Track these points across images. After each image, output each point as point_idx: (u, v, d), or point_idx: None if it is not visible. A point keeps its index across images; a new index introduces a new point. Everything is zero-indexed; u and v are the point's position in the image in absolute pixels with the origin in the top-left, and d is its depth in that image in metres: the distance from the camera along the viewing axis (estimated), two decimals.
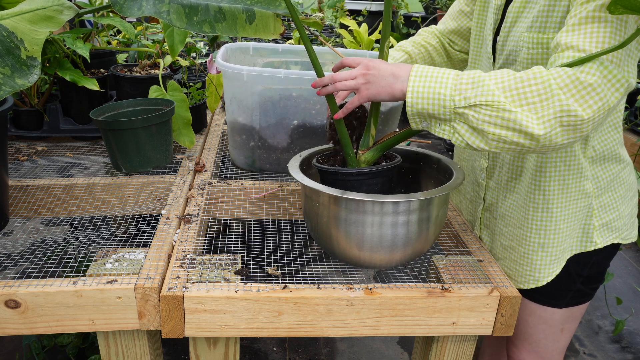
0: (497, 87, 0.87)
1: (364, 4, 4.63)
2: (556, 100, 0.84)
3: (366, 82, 0.95)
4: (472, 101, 0.87)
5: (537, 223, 1.10)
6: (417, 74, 0.92)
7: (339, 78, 0.98)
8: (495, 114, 0.86)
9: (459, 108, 0.89)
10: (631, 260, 2.80)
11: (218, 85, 1.73)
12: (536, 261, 1.12)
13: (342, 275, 1.06)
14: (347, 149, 1.05)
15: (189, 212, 1.17)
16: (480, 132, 0.89)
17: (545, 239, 1.10)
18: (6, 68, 0.96)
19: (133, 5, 1.08)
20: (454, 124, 0.91)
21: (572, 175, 1.07)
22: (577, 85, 0.83)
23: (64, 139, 1.59)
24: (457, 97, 0.88)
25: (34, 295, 0.90)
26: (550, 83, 0.84)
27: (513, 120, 0.86)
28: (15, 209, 1.21)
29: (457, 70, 0.92)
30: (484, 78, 0.88)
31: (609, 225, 1.12)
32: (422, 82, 0.91)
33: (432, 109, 0.91)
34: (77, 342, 1.72)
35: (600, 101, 0.84)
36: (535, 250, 1.12)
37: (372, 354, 2.08)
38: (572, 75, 0.84)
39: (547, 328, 1.20)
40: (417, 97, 0.91)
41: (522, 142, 0.87)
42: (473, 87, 0.88)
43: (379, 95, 0.95)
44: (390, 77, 0.93)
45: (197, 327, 0.94)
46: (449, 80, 0.90)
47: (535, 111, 0.85)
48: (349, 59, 1.01)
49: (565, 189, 1.07)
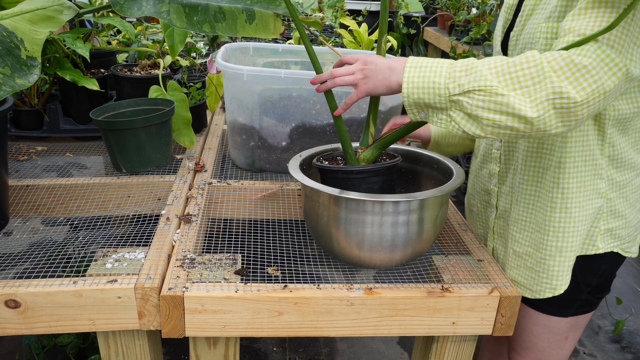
0: (490, 72, 0.87)
1: (364, 4, 4.63)
2: (548, 82, 0.83)
3: (364, 77, 0.96)
4: (465, 87, 0.87)
5: (555, 225, 1.06)
6: (412, 65, 0.92)
7: (338, 74, 0.98)
8: (489, 99, 0.86)
9: (453, 95, 0.89)
10: (631, 260, 2.81)
11: (218, 85, 1.73)
12: (554, 267, 1.07)
13: (342, 275, 1.06)
14: (347, 147, 1.05)
15: (189, 212, 1.17)
16: (475, 118, 0.89)
17: (563, 242, 1.06)
18: (6, 68, 0.96)
19: (133, 5, 1.08)
20: (450, 112, 0.91)
21: (589, 172, 1.04)
22: (571, 68, 0.82)
23: (64, 139, 1.59)
24: (452, 85, 0.89)
25: (34, 295, 0.90)
26: (544, 66, 0.84)
27: (506, 104, 0.85)
28: (15, 209, 1.21)
29: (452, 60, 0.92)
30: (477, 64, 0.88)
31: (614, 232, 1.09)
32: (416, 72, 0.91)
33: (428, 98, 0.91)
34: (77, 342, 1.72)
35: (595, 83, 0.82)
36: (553, 254, 1.07)
37: (372, 354, 2.08)
38: (566, 57, 0.83)
39: (552, 336, 1.18)
40: (412, 87, 0.91)
41: (516, 126, 0.86)
42: (467, 74, 0.88)
43: (376, 89, 0.96)
44: (386, 70, 0.94)
45: (197, 327, 0.94)
46: (443, 68, 0.90)
47: (529, 94, 0.84)
48: (347, 56, 1.02)
49: (582, 186, 1.04)
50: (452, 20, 4.13)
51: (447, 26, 4.30)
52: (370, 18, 4.10)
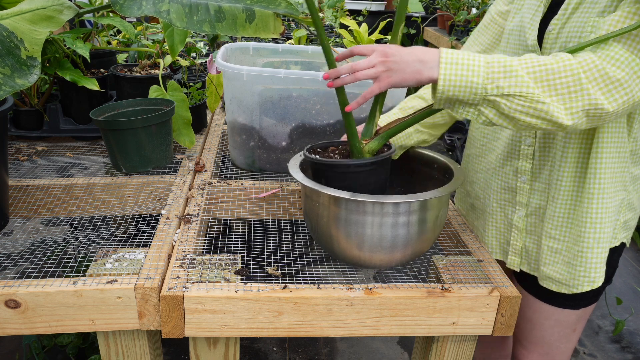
0: (529, 77, 0.88)
1: (364, 4, 4.63)
2: (585, 94, 0.87)
3: (387, 69, 0.92)
4: (505, 91, 0.88)
5: (592, 216, 1.05)
6: (447, 60, 0.89)
7: (359, 67, 0.92)
8: (529, 105, 0.89)
9: (490, 95, 0.89)
10: (631, 260, 2.80)
11: (218, 85, 1.73)
12: (591, 259, 1.07)
13: (342, 275, 1.06)
14: (354, 141, 1.03)
15: (189, 212, 1.17)
16: (511, 119, 0.91)
17: (600, 232, 1.06)
18: (6, 68, 0.96)
19: (133, 5, 1.08)
20: (480, 108, 0.92)
21: (618, 163, 1.04)
22: (605, 80, 0.87)
23: (64, 139, 1.59)
24: (490, 86, 0.89)
25: (34, 295, 0.90)
26: (580, 77, 0.87)
27: (545, 112, 0.88)
28: (15, 209, 1.21)
29: (486, 56, 0.91)
30: (514, 66, 0.89)
31: (627, 223, 1.12)
32: (453, 70, 0.89)
33: (463, 95, 0.90)
34: (77, 342, 1.72)
35: (626, 95, 0.88)
36: (591, 246, 1.06)
37: (372, 354, 2.08)
38: (601, 69, 0.87)
39: (562, 330, 1.18)
40: (448, 85, 0.89)
41: (549, 128, 0.91)
42: (505, 76, 0.88)
43: (404, 81, 0.92)
44: (416, 63, 0.90)
45: (197, 327, 0.94)
46: (480, 67, 0.89)
47: (564, 102, 0.88)
48: (360, 46, 0.96)
49: (613, 177, 1.05)
50: (452, 20, 4.13)
51: (447, 26, 4.30)
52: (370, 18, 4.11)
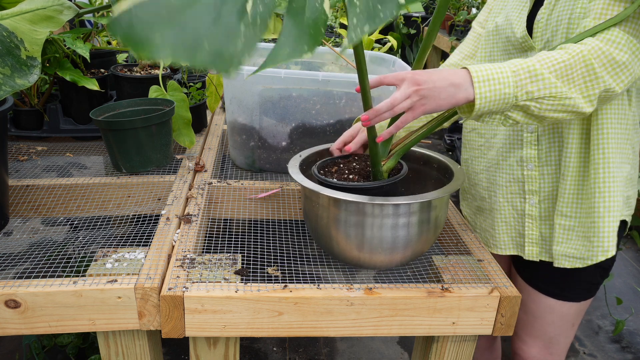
0: (552, 75, 0.91)
1: None
2: (600, 80, 0.92)
3: (421, 97, 0.91)
4: (535, 95, 0.91)
5: (600, 185, 1.07)
6: (479, 78, 0.91)
7: (397, 102, 0.92)
8: (558, 102, 0.92)
9: (521, 101, 0.92)
10: (631, 260, 2.80)
11: (218, 85, 1.73)
12: (604, 228, 1.09)
13: (342, 275, 1.06)
14: (378, 167, 1.03)
15: (189, 212, 1.17)
16: (540, 118, 0.95)
17: (610, 201, 1.07)
18: (6, 68, 0.96)
19: None
20: (507, 113, 0.95)
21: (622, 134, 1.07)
22: (612, 64, 0.92)
23: (64, 139, 1.59)
24: (520, 93, 0.91)
25: (34, 295, 0.90)
26: (594, 65, 0.92)
27: (572, 105, 0.93)
28: (15, 209, 1.21)
29: (509, 64, 0.92)
30: (538, 69, 0.91)
31: (629, 200, 1.14)
32: (487, 87, 0.91)
33: (496, 107, 0.93)
34: (77, 342, 1.72)
35: (630, 75, 0.94)
36: (602, 215, 1.08)
37: (372, 354, 2.09)
38: (608, 55, 0.92)
39: (563, 324, 1.21)
40: (485, 102, 0.91)
41: (570, 117, 0.96)
42: (532, 81, 0.91)
43: (439, 107, 0.92)
44: (450, 88, 0.91)
45: (197, 327, 0.94)
46: (509, 78, 0.91)
47: (581, 91, 0.93)
48: (388, 76, 0.95)
49: (618, 147, 1.07)
50: (452, 20, 4.13)
51: (447, 26, 4.30)
52: None
